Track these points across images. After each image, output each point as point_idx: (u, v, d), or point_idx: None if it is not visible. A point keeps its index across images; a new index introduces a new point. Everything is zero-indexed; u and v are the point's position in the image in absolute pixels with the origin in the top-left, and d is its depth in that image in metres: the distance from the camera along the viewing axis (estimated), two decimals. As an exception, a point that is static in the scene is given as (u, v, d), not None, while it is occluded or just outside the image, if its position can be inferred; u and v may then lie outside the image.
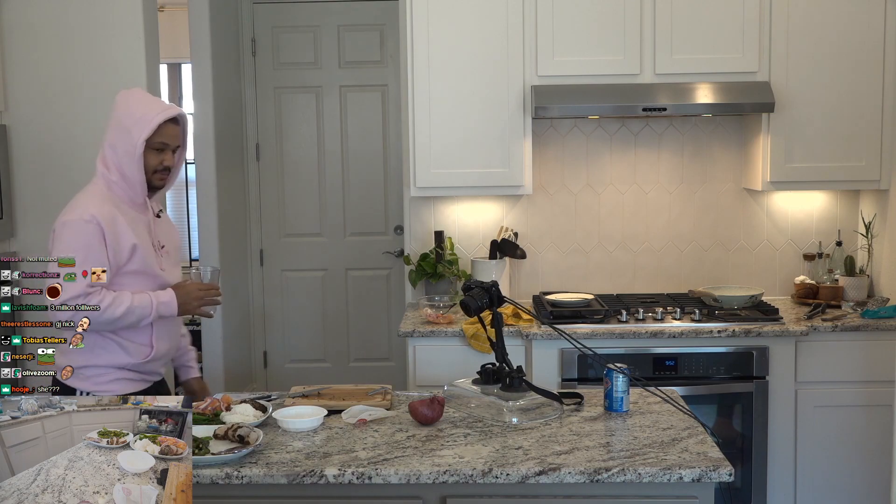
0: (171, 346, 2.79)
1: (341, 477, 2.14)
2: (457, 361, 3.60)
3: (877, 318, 3.65)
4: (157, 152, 2.65)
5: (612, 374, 2.57)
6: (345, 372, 5.59)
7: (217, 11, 5.10)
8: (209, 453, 2.19)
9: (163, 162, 2.66)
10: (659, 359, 3.58)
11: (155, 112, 2.63)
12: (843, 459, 3.66)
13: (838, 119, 3.82)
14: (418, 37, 3.81)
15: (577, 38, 3.80)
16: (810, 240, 4.19)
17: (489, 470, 2.15)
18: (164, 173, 2.68)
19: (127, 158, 2.62)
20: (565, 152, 4.18)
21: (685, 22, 3.78)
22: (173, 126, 2.67)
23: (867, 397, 3.61)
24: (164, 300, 2.63)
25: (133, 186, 2.65)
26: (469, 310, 2.62)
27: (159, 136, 2.63)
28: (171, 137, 2.67)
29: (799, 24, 3.77)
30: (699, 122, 4.16)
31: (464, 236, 4.22)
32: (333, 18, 5.47)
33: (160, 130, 2.63)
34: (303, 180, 5.55)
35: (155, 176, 2.68)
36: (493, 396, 2.55)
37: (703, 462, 2.18)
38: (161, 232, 2.76)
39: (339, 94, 5.50)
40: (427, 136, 3.85)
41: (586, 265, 4.24)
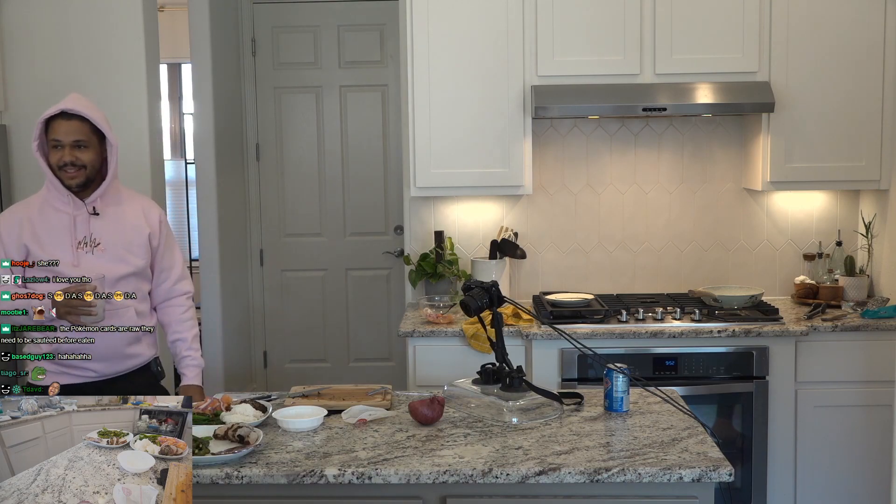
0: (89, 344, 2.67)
1: (341, 477, 2.14)
2: (457, 361, 3.59)
3: (877, 318, 3.65)
4: (55, 150, 2.74)
5: (612, 374, 2.57)
6: (345, 372, 5.59)
7: (217, 11, 5.10)
8: (209, 453, 2.19)
9: (62, 158, 2.73)
10: (659, 359, 3.58)
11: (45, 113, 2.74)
12: (843, 459, 3.66)
13: (838, 119, 3.82)
14: (418, 37, 3.81)
15: (577, 38, 3.80)
16: (810, 240, 4.19)
17: (489, 470, 2.15)
18: (69, 169, 2.74)
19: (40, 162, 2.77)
20: (565, 152, 4.18)
21: (685, 22, 3.78)
22: (66, 122, 2.73)
23: (867, 397, 3.61)
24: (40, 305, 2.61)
25: (54, 187, 2.77)
26: (469, 310, 2.62)
27: (52, 134, 2.74)
28: (64, 133, 2.73)
29: (799, 24, 3.77)
30: (699, 122, 4.16)
31: (464, 236, 4.22)
32: (333, 18, 5.47)
33: (52, 128, 2.74)
34: (303, 180, 5.55)
35: (61, 173, 2.75)
36: (493, 396, 2.55)
37: (703, 462, 2.18)
38: (99, 229, 2.79)
39: (339, 94, 5.51)
40: (427, 136, 3.85)
41: (586, 265, 4.24)
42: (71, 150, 2.73)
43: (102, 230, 2.80)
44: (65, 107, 2.72)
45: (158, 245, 2.92)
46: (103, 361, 2.80)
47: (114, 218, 2.83)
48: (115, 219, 2.84)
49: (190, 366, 2.97)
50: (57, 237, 2.76)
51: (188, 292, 3.01)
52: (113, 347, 2.80)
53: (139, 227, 2.87)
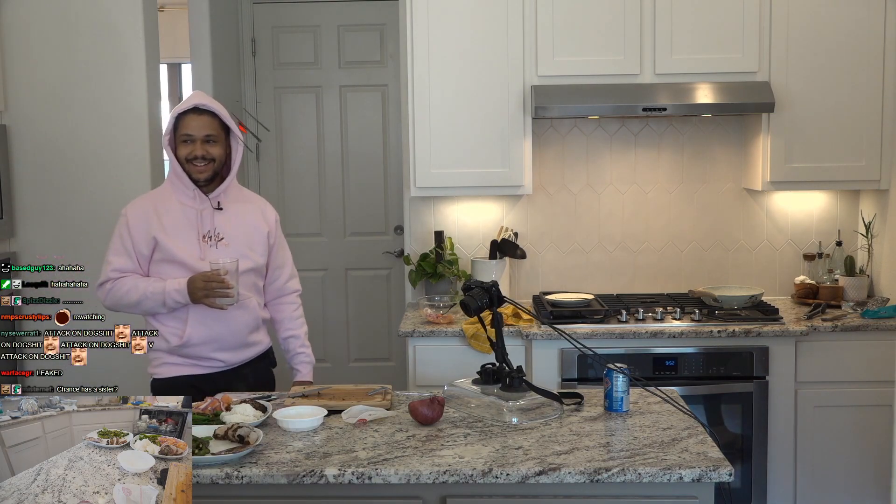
0: (219, 332, 2.87)
1: (341, 477, 2.14)
2: (457, 361, 3.59)
3: (877, 318, 3.65)
4: (184, 144, 2.84)
5: (612, 374, 2.57)
6: (345, 372, 5.58)
7: (217, 11, 5.10)
8: (209, 453, 2.19)
9: (192, 152, 2.82)
10: (659, 359, 3.58)
11: (176, 109, 2.84)
12: (843, 459, 3.66)
13: (838, 119, 3.82)
14: (418, 37, 3.81)
15: (576, 38, 3.80)
16: (810, 240, 4.19)
17: (489, 470, 2.15)
18: (198, 163, 2.83)
19: (169, 156, 2.88)
20: (565, 152, 4.18)
21: (685, 22, 3.78)
22: (197, 117, 2.82)
23: (867, 397, 3.61)
24: (175, 288, 2.78)
25: (180, 181, 2.87)
26: (469, 310, 2.62)
27: (182, 129, 2.83)
28: (196, 128, 2.82)
29: (799, 24, 3.77)
30: (699, 122, 4.16)
31: (464, 236, 4.22)
32: (333, 18, 5.47)
33: (183, 123, 2.83)
34: (303, 180, 5.55)
35: (189, 167, 2.84)
36: (493, 396, 2.55)
37: (703, 462, 2.18)
38: (223, 224, 2.88)
39: (339, 94, 5.50)
40: (427, 136, 3.85)
41: (586, 265, 4.24)
42: (202, 144, 2.83)
43: (226, 225, 2.90)
44: (197, 102, 2.83)
45: (274, 244, 3.03)
46: (230, 351, 2.93)
47: (236, 214, 2.93)
48: (238, 215, 2.93)
49: (304, 362, 3.12)
50: (183, 230, 2.85)
51: (298, 290, 3.16)
52: (238, 336, 2.93)
53: (259, 225, 2.98)
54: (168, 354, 2.88)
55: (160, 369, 2.90)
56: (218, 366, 2.92)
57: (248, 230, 2.94)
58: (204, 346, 2.87)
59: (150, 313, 2.86)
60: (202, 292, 2.75)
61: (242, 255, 2.88)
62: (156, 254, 2.84)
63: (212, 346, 2.88)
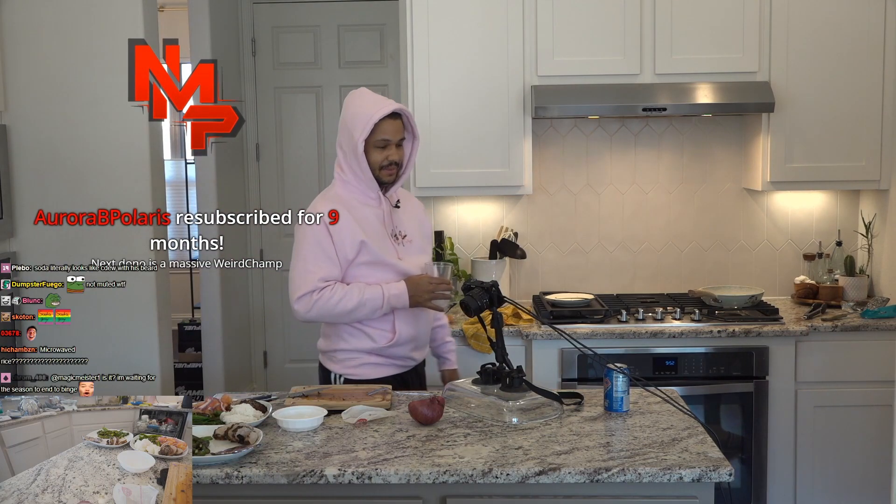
0: (419, 330, 2.89)
1: (341, 477, 2.14)
2: (457, 361, 3.59)
3: (877, 318, 3.65)
4: (379, 149, 2.79)
5: (612, 374, 2.57)
6: (345, 372, 5.58)
7: (217, 11, 5.10)
8: (209, 453, 2.19)
9: (387, 157, 2.79)
10: (659, 359, 3.58)
11: (372, 111, 2.75)
12: (843, 459, 3.66)
13: (838, 119, 3.82)
14: (418, 37, 3.82)
15: (577, 38, 3.80)
16: (810, 240, 4.19)
17: (489, 470, 2.15)
18: (390, 168, 2.81)
19: (353, 158, 2.79)
20: (565, 152, 4.18)
21: (685, 22, 3.78)
22: (392, 121, 2.78)
23: (867, 397, 3.61)
24: (395, 293, 2.77)
25: (363, 183, 2.81)
26: (469, 310, 2.63)
27: (379, 134, 2.76)
28: (392, 133, 2.78)
29: (799, 24, 3.78)
30: (699, 122, 4.16)
31: (464, 236, 4.22)
32: (333, 18, 5.47)
33: (379, 127, 2.76)
34: (303, 180, 5.54)
35: (382, 172, 2.81)
36: (493, 396, 2.55)
37: (703, 462, 2.18)
38: (402, 222, 2.89)
39: (340, 94, 5.50)
40: (427, 137, 3.84)
41: (586, 265, 4.24)
42: (396, 148, 2.81)
43: (405, 223, 2.91)
44: (397, 107, 2.78)
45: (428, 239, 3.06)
46: (421, 349, 2.96)
47: (408, 211, 2.95)
48: (409, 211, 2.95)
49: (452, 350, 3.12)
50: (379, 231, 2.83)
51: None
52: (427, 333, 2.97)
53: (424, 220, 3.02)
54: (369, 355, 2.85)
55: (360, 370, 2.86)
56: (410, 364, 2.93)
57: (419, 225, 2.97)
58: (407, 345, 2.87)
59: (357, 320, 2.80)
60: (428, 294, 2.78)
61: (422, 249, 2.93)
62: (359, 257, 2.78)
63: (412, 344, 2.89)
